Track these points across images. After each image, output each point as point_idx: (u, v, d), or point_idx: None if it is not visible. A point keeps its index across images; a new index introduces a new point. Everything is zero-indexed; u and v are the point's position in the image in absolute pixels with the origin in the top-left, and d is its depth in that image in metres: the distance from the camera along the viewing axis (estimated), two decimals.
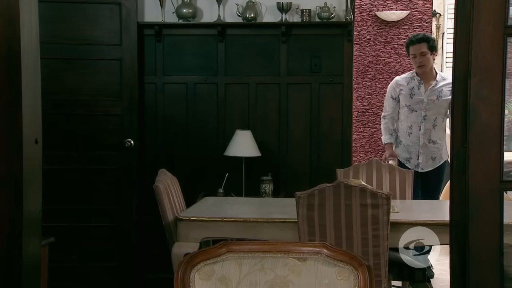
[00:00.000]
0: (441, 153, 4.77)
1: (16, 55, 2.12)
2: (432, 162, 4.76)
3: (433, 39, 4.83)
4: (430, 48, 4.70)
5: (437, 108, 4.69)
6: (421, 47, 4.68)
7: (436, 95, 4.70)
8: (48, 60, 4.31)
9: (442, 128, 4.75)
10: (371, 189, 3.10)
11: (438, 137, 4.74)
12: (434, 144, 4.72)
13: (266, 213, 3.61)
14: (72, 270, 4.65)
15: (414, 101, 4.73)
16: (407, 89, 4.77)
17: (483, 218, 1.81)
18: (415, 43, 4.71)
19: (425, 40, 4.71)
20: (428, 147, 4.72)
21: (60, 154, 4.60)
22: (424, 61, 4.68)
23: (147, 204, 4.62)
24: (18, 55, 2.12)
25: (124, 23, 4.61)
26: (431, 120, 4.70)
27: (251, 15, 4.75)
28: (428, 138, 4.72)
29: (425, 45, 4.68)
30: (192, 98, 4.89)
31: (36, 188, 2.28)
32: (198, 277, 1.68)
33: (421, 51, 4.68)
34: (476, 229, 1.82)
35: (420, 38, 4.73)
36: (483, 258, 1.82)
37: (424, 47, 4.68)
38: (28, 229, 2.21)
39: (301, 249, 1.71)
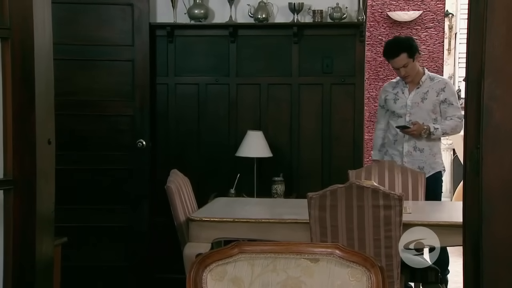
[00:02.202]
0: (430, 163, 4.27)
1: (30, 56, 2.14)
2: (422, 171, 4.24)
3: (410, 44, 4.25)
4: (411, 56, 4.18)
5: (421, 112, 4.23)
6: (400, 61, 4.18)
7: (420, 98, 4.25)
8: (61, 61, 4.32)
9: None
10: (383, 190, 3.09)
11: (427, 145, 4.25)
12: (421, 152, 4.24)
13: (278, 214, 3.61)
14: (85, 270, 4.67)
15: (398, 106, 4.31)
16: (392, 94, 4.36)
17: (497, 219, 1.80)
18: (393, 58, 4.20)
19: (401, 50, 4.17)
20: (413, 155, 4.25)
21: (73, 155, 4.62)
22: (408, 71, 4.21)
23: (159, 205, 4.63)
24: (32, 56, 2.14)
25: (136, 24, 4.62)
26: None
27: (263, 15, 4.75)
28: (414, 145, 4.25)
29: (404, 56, 4.17)
30: (204, 99, 4.89)
31: (49, 188, 2.30)
32: (211, 277, 1.68)
33: (402, 64, 4.19)
34: (490, 230, 1.81)
35: (395, 52, 4.18)
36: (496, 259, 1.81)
37: (403, 59, 4.17)
38: (41, 229, 2.22)
39: (314, 250, 1.71)
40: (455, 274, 4.78)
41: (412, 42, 4.32)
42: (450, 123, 4.23)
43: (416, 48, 4.27)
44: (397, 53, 4.18)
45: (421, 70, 4.34)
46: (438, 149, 4.36)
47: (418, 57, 4.27)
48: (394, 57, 4.21)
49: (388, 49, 4.28)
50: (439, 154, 4.36)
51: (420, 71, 4.32)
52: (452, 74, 8.31)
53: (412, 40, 4.41)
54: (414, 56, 4.21)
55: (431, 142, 4.26)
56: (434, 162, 4.30)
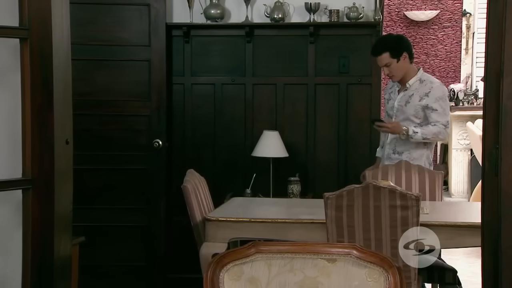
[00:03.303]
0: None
1: (48, 57, 2.15)
2: None
3: (394, 44, 4.10)
4: (394, 56, 4.03)
5: (404, 115, 4.08)
6: (382, 60, 4.06)
7: (405, 101, 4.09)
8: (78, 61, 4.34)
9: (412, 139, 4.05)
10: (400, 190, 3.07)
11: (406, 149, 4.08)
12: (399, 155, 4.09)
13: (294, 214, 3.60)
14: (102, 269, 4.70)
15: (389, 106, 4.22)
16: (387, 94, 4.28)
17: None
18: (376, 56, 4.10)
19: (384, 50, 4.05)
20: (392, 158, 4.12)
21: (89, 155, 4.65)
22: (392, 71, 4.06)
23: (176, 205, 4.65)
24: (50, 57, 2.15)
25: (153, 24, 4.64)
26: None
27: (279, 15, 4.75)
28: (393, 148, 4.13)
29: (386, 56, 4.03)
30: (220, 99, 4.90)
31: (67, 188, 2.31)
32: (228, 277, 1.68)
33: (384, 63, 4.07)
34: (508, 231, 1.80)
35: (378, 50, 4.08)
36: None
37: (385, 59, 4.04)
38: (59, 228, 2.24)
39: (331, 250, 1.71)
40: (473, 275, 4.75)
41: (397, 43, 4.12)
42: (433, 129, 4.00)
43: (402, 48, 4.07)
44: (379, 51, 4.07)
45: (412, 71, 4.12)
46: (419, 155, 4.09)
47: (405, 58, 4.05)
48: (376, 55, 4.10)
49: (373, 46, 4.19)
50: (419, 160, 4.08)
51: (411, 73, 4.11)
52: (469, 74, 8.26)
53: (399, 40, 4.19)
54: (399, 56, 4.03)
55: (412, 147, 4.07)
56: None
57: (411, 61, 4.13)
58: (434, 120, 4.02)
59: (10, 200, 2.36)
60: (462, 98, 8.04)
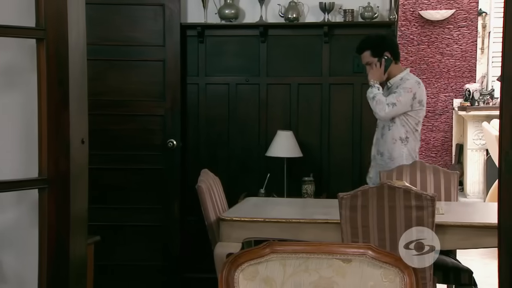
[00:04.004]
0: (386, 167, 4.05)
1: (65, 57, 2.16)
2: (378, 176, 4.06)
3: (376, 43, 4.07)
4: (375, 55, 4.02)
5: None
6: (364, 58, 4.07)
7: None
8: (93, 61, 4.35)
9: (390, 138, 4.03)
10: (415, 190, 3.06)
11: (386, 149, 4.05)
12: (381, 156, 4.09)
13: (308, 214, 3.60)
14: (117, 269, 4.72)
15: None
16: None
17: None
18: (358, 53, 4.12)
19: (365, 48, 4.05)
20: (376, 159, 4.13)
21: (104, 154, 4.67)
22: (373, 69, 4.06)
23: (190, 204, 4.66)
24: (66, 57, 2.17)
25: (168, 24, 4.66)
26: (380, 129, 4.12)
27: (293, 15, 4.74)
28: (377, 149, 4.13)
29: (367, 54, 4.04)
30: (234, 99, 4.91)
31: (82, 187, 2.32)
32: (243, 277, 1.68)
33: (365, 62, 4.08)
34: None
35: (360, 48, 4.08)
36: None
37: (366, 57, 4.05)
38: (75, 227, 2.25)
39: (346, 251, 1.70)
40: (490, 276, 4.72)
41: (379, 41, 4.09)
42: (381, 98, 3.93)
43: (383, 47, 4.03)
44: (361, 49, 4.08)
45: (396, 70, 4.08)
46: (398, 154, 4.03)
47: (385, 56, 4.02)
48: (358, 53, 4.11)
49: (358, 44, 4.16)
50: (399, 159, 4.03)
51: (394, 72, 4.06)
52: (485, 74, 8.21)
53: (380, 39, 4.14)
54: (380, 55, 4.01)
55: (390, 146, 4.04)
56: (393, 166, 4.03)
57: (396, 61, 4.09)
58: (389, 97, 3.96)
59: (26, 199, 2.38)
60: (477, 98, 7.99)
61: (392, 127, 4.03)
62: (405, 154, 4.05)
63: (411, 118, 4.02)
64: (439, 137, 8.36)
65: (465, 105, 8.02)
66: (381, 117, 3.97)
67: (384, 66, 4.03)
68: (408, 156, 4.05)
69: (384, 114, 3.92)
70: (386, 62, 4.03)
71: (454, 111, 8.33)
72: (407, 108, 3.97)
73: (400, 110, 3.95)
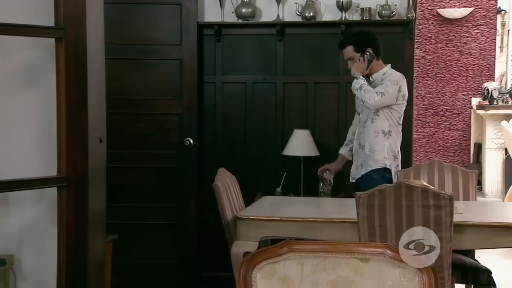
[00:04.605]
0: (368, 160, 4.01)
1: (83, 56, 2.18)
2: (359, 169, 4.06)
3: (359, 38, 4.06)
4: (358, 50, 4.00)
5: (365, 109, 4.04)
6: (346, 53, 4.05)
7: None
8: (110, 60, 4.37)
9: (372, 131, 3.99)
10: (433, 189, 3.04)
11: (368, 142, 4.01)
12: (362, 149, 4.05)
13: (325, 213, 3.59)
14: (134, 267, 4.74)
15: (356, 103, 4.22)
16: None
17: None
18: (341, 49, 4.10)
19: (348, 43, 4.04)
20: (358, 152, 4.09)
21: (121, 153, 4.69)
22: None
23: (206, 203, 4.66)
24: (85, 56, 2.18)
25: (185, 23, 4.67)
26: (362, 122, 4.09)
27: (310, 14, 4.73)
28: (359, 142, 4.10)
29: (350, 49, 4.01)
30: (251, 98, 4.90)
31: (100, 186, 2.34)
32: (260, 276, 1.68)
33: (348, 57, 4.05)
34: None
35: (342, 43, 4.08)
36: None
37: (349, 52, 4.02)
38: (93, 225, 2.26)
39: (364, 250, 1.69)
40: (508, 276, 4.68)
41: (362, 37, 4.08)
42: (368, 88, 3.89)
43: (366, 43, 4.02)
44: (343, 44, 4.07)
45: (378, 67, 4.06)
46: (380, 147, 3.98)
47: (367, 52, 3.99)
48: (340, 48, 4.10)
49: (340, 39, 4.17)
50: (381, 152, 3.98)
51: (376, 68, 4.05)
52: (504, 72, 8.13)
53: (364, 35, 4.12)
54: (363, 51, 3.99)
55: (371, 139, 4.00)
56: (371, 160, 4.00)
57: (377, 57, 4.07)
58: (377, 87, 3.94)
59: (45, 198, 2.40)
60: (496, 96, 7.92)
61: (375, 120, 3.99)
62: (387, 147, 4.00)
63: (395, 112, 4.00)
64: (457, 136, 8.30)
65: (483, 104, 7.95)
66: (370, 105, 3.93)
67: (368, 62, 4.02)
68: (389, 150, 4.01)
69: (374, 102, 3.89)
70: (368, 58, 4.02)
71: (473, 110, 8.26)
72: (393, 100, 3.95)
73: (387, 101, 3.93)
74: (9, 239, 2.39)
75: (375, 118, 3.99)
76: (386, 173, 3.99)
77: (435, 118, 7.81)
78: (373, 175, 3.98)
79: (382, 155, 3.98)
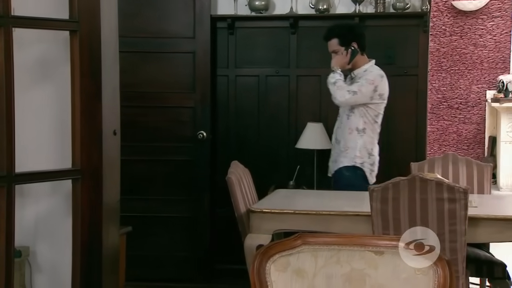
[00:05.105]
0: (340, 156, 4.02)
1: (97, 49, 2.18)
2: (334, 164, 4.08)
3: (344, 32, 4.02)
4: (342, 44, 3.97)
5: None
6: (330, 46, 4.03)
7: None
8: (123, 53, 4.38)
9: (347, 127, 3.99)
10: (448, 182, 3.02)
11: (343, 138, 4.01)
12: (338, 144, 4.06)
13: (338, 206, 3.57)
14: (148, 259, 4.76)
15: None
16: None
17: None
18: (326, 41, 4.07)
19: (333, 36, 4.01)
20: (335, 147, 4.11)
21: (134, 145, 4.71)
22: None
23: (220, 196, 4.67)
24: (99, 49, 2.19)
25: (198, 17, 4.66)
26: (340, 118, 4.09)
27: (324, 6, 4.71)
28: (336, 137, 4.11)
29: (335, 42, 3.99)
30: (264, 91, 4.90)
31: (114, 178, 2.35)
32: (274, 268, 1.68)
33: (332, 50, 4.03)
34: None
35: (327, 35, 4.04)
36: None
37: (333, 45, 4.00)
38: (107, 217, 2.27)
39: (378, 243, 1.69)
40: None
41: (347, 31, 4.04)
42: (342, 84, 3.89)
43: (351, 37, 3.99)
44: (328, 37, 4.04)
45: (362, 62, 4.02)
46: (353, 144, 3.97)
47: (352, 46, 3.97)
48: (325, 40, 4.06)
49: (326, 31, 4.12)
50: (354, 149, 3.97)
51: (359, 63, 4.01)
52: None
53: (349, 29, 4.08)
54: (347, 45, 3.96)
55: (346, 136, 3.99)
56: (343, 156, 4.00)
57: (362, 53, 4.03)
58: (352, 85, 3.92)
59: (60, 190, 2.41)
60: (511, 89, 7.84)
61: (350, 117, 3.98)
62: (360, 145, 3.98)
63: (371, 110, 3.97)
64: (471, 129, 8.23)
65: (498, 97, 7.86)
66: (340, 103, 3.93)
67: (351, 56, 3.98)
68: (363, 148, 3.99)
69: (344, 100, 3.87)
70: (352, 53, 3.98)
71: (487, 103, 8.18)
72: (367, 99, 3.92)
73: (359, 100, 3.90)
74: (24, 231, 2.41)
75: (351, 115, 3.99)
76: (356, 170, 3.98)
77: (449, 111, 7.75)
78: (344, 172, 3.99)
79: (354, 153, 3.97)
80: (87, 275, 2.21)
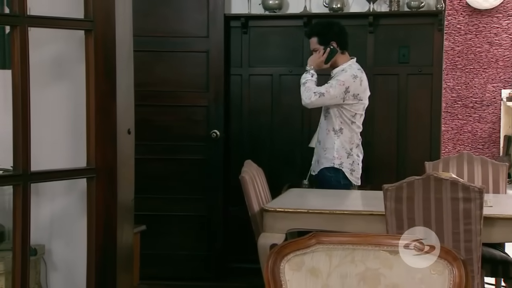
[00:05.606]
0: (321, 157, 4.00)
1: (112, 48, 2.19)
2: (316, 165, 4.07)
3: (324, 30, 3.97)
4: (321, 42, 3.92)
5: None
6: (311, 44, 3.99)
7: None
8: (137, 53, 4.39)
9: (324, 128, 3.99)
10: (462, 182, 3.00)
11: (322, 138, 4.02)
12: (319, 144, 4.05)
13: (352, 206, 3.57)
14: (162, 257, 4.78)
15: None
16: None
17: None
18: (308, 38, 4.04)
19: (314, 34, 3.97)
20: (317, 147, 4.11)
21: (148, 144, 4.72)
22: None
23: (233, 195, 4.68)
24: (114, 48, 2.19)
25: (212, 16, 4.67)
26: (321, 119, 4.09)
27: (338, 5, 4.70)
28: (317, 137, 4.13)
29: (314, 41, 3.96)
30: (277, 90, 4.89)
31: (129, 177, 2.36)
32: (288, 267, 1.68)
33: (312, 48, 3.99)
34: None
35: (308, 33, 4.04)
36: None
37: (313, 44, 3.97)
38: (121, 216, 2.28)
39: (393, 242, 1.68)
40: None
41: (326, 30, 3.98)
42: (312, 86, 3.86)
43: (330, 36, 3.94)
44: (308, 35, 4.02)
45: (341, 60, 3.98)
46: (330, 144, 3.95)
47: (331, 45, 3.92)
48: (308, 38, 4.03)
49: (307, 28, 4.10)
50: (331, 150, 3.96)
51: (339, 62, 3.97)
52: None
53: (328, 27, 4.00)
54: (326, 44, 3.92)
55: (325, 137, 3.99)
56: (323, 157, 3.99)
57: (343, 51, 3.99)
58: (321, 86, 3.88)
59: (75, 189, 2.42)
60: None
61: (327, 117, 3.97)
62: (337, 145, 3.95)
63: (346, 111, 3.92)
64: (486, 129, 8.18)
65: None
66: (306, 105, 3.91)
67: (329, 55, 3.93)
68: (341, 148, 3.95)
69: (310, 102, 3.85)
70: (331, 52, 3.93)
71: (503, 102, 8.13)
72: (338, 100, 3.86)
73: (327, 102, 3.86)
74: (40, 229, 2.43)
75: (327, 115, 3.97)
76: (338, 172, 3.96)
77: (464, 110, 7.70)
78: (326, 173, 3.98)
79: (332, 154, 3.96)
80: (102, 274, 2.22)
